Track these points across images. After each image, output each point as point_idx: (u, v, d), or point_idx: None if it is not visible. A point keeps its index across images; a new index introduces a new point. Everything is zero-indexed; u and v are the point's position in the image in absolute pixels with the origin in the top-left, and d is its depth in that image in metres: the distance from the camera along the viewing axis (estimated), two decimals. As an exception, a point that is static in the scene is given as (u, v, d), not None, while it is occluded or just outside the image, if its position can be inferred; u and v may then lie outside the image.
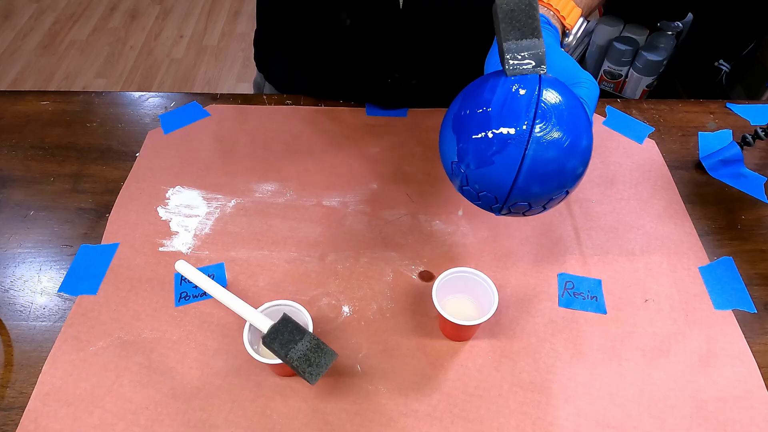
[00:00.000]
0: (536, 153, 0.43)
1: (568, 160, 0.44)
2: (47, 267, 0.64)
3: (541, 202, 0.46)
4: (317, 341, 0.50)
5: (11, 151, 0.77)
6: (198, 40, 2.39)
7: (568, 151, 0.44)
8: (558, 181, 0.45)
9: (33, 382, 0.54)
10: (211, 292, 0.55)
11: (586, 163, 0.46)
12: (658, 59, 1.54)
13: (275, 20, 0.80)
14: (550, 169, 0.44)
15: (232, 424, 0.52)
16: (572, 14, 0.55)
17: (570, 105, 0.44)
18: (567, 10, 0.55)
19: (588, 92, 0.49)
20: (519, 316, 0.60)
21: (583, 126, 0.45)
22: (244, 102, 0.84)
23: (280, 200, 0.71)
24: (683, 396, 0.54)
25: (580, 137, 0.45)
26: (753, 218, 0.70)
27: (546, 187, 0.45)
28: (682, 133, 0.81)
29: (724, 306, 0.61)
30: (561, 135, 0.43)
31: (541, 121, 0.42)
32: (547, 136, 0.43)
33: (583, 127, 0.45)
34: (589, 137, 0.46)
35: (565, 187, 0.46)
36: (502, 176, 0.44)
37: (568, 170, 0.45)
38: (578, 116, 0.45)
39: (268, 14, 0.81)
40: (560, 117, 0.43)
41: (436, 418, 0.52)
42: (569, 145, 0.44)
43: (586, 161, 0.46)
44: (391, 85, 0.78)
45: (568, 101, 0.44)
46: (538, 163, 0.43)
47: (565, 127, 0.43)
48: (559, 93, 0.44)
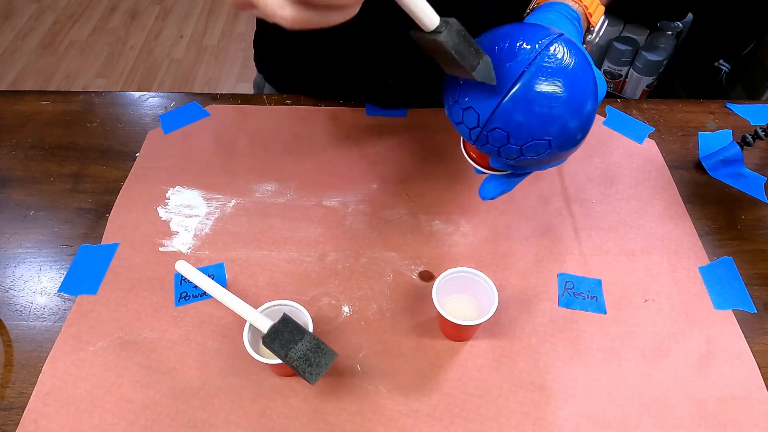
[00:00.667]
0: (533, 79, 0.43)
1: (561, 105, 0.44)
2: (47, 267, 0.64)
3: (519, 140, 0.45)
4: (317, 341, 0.50)
5: (11, 151, 0.77)
6: (198, 40, 2.39)
7: (566, 99, 0.44)
8: (544, 120, 0.44)
9: (33, 382, 0.54)
10: (211, 292, 0.55)
11: (583, 128, 0.46)
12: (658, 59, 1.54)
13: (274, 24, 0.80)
14: (540, 105, 0.44)
15: (232, 424, 0.52)
16: (597, 12, 0.56)
17: (582, 64, 0.45)
18: (593, 6, 0.55)
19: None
20: (519, 316, 0.60)
21: (589, 89, 0.46)
22: (244, 102, 0.84)
23: (280, 200, 0.71)
24: (683, 396, 0.54)
25: (583, 95, 0.45)
26: (753, 218, 0.70)
27: (530, 120, 0.44)
28: (682, 133, 0.81)
29: (724, 306, 0.61)
30: (562, 80, 0.44)
31: (550, 56, 0.43)
32: (550, 70, 0.43)
33: (588, 89, 0.45)
34: (593, 104, 0.46)
35: (548, 133, 0.45)
36: (493, 90, 0.44)
37: (557, 117, 0.44)
38: (586, 77, 0.45)
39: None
40: (568, 65, 0.44)
41: (436, 418, 0.52)
42: (568, 92, 0.44)
43: (582, 122, 0.46)
44: (392, 86, 0.78)
45: (580, 61, 0.45)
46: (530, 90, 0.43)
47: (571, 75, 0.44)
48: (576, 52, 0.45)
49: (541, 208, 0.70)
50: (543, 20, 0.52)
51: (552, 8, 0.53)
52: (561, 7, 0.53)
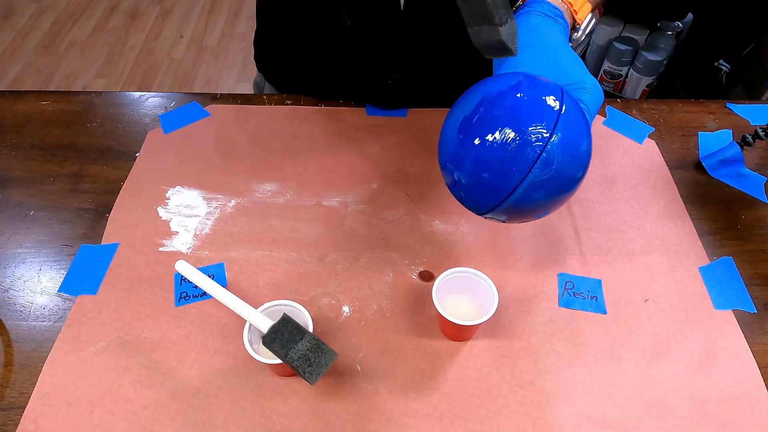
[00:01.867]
0: (533, 186, 0.43)
1: (557, 195, 0.45)
2: (47, 267, 0.64)
3: (514, 219, 0.48)
4: (317, 341, 0.50)
5: (11, 151, 0.77)
6: (198, 40, 2.39)
7: (562, 190, 0.45)
8: (540, 207, 0.46)
9: (33, 382, 0.54)
10: (211, 292, 0.55)
11: (573, 192, 0.48)
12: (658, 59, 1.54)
13: (275, 21, 0.80)
14: (536, 203, 0.45)
15: (232, 424, 0.52)
16: (583, 9, 0.55)
17: (579, 153, 0.45)
18: (579, 3, 0.55)
19: (591, 98, 0.49)
20: (519, 316, 0.60)
21: (584, 167, 0.46)
22: (244, 102, 0.84)
23: (280, 200, 0.71)
24: (683, 396, 0.54)
25: (578, 177, 0.46)
26: (753, 218, 0.70)
27: (526, 209, 0.46)
28: (682, 133, 0.81)
29: (724, 306, 0.61)
30: (560, 181, 0.44)
31: (550, 159, 0.42)
32: (550, 173, 0.43)
33: (584, 168, 0.46)
34: (584, 173, 0.47)
35: (541, 213, 0.47)
36: (489, 198, 0.45)
37: (552, 203, 0.46)
38: (582, 161, 0.46)
39: (268, 15, 0.81)
40: (566, 164, 0.44)
41: (436, 418, 0.52)
42: (565, 186, 0.45)
43: (573, 191, 0.47)
44: (392, 86, 0.78)
45: (578, 148, 0.45)
46: (529, 196, 0.44)
47: (567, 171, 0.44)
48: (574, 136, 0.44)
49: (541, 208, 0.70)
50: (528, 24, 0.51)
51: (533, 9, 0.53)
52: (543, 7, 0.53)
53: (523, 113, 0.43)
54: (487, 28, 0.43)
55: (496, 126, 0.43)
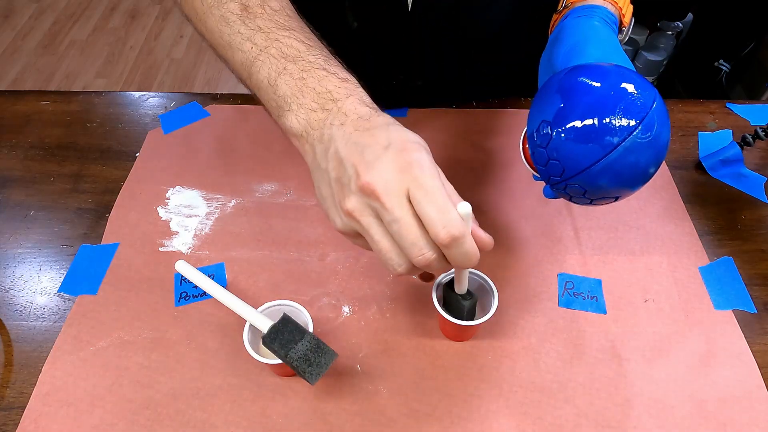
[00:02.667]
0: (626, 153, 0.43)
1: (641, 174, 0.45)
2: (47, 267, 0.64)
3: (593, 195, 0.47)
4: (317, 341, 0.50)
5: (11, 151, 0.77)
6: (198, 40, 2.38)
7: (645, 169, 0.45)
8: (621, 185, 0.45)
9: (33, 382, 0.54)
10: (211, 292, 0.55)
11: (646, 183, 0.47)
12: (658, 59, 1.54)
13: None
14: (623, 176, 0.44)
15: (232, 424, 0.52)
16: (628, 11, 0.56)
17: (666, 135, 0.45)
18: (626, 7, 0.55)
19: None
20: (519, 316, 0.60)
21: (664, 154, 0.46)
22: (244, 102, 0.84)
23: (280, 200, 0.71)
24: (683, 396, 0.54)
25: (659, 162, 0.46)
26: (753, 218, 0.70)
27: (609, 185, 0.45)
28: (682, 133, 0.81)
29: (724, 306, 0.61)
30: (649, 154, 0.44)
31: (644, 131, 0.43)
32: (643, 144, 0.43)
33: (663, 155, 0.46)
34: (661, 163, 0.47)
35: (619, 193, 0.47)
36: (585, 152, 0.44)
37: (634, 183, 0.46)
38: (665, 147, 0.45)
39: None
40: (657, 139, 0.44)
41: (436, 418, 0.52)
42: (650, 165, 0.45)
43: (647, 180, 0.47)
44: (396, 87, 0.78)
45: (666, 132, 0.45)
46: (620, 163, 0.43)
47: (656, 149, 0.44)
48: (665, 122, 0.45)
49: (541, 208, 0.70)
50: (587, 27, 0.52)
51: (594, 13, 0.53)
52: (602, 12, 0.53)
53: (631, 79, 0.44)
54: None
55: (606, 84, 0.43)
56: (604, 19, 0.53)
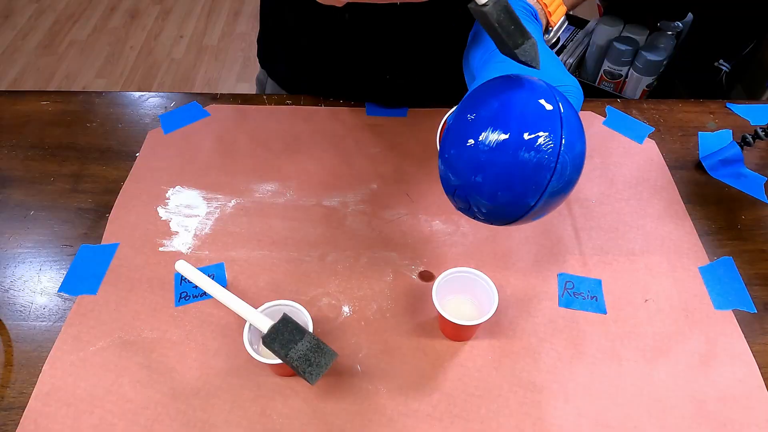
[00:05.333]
0: (543, 205, 0.42)
1: (557, 202, 0.44)
2: (47, 267, 0.64)
3: (539, 216, 0.46)
4: (317, 341, 0.50)
5: (11, 151, 0.77)
6: (198, 40, 2.39)
7: (561, 199, 0.44)
8: (566, 192, 0.44)
9: (33, 382, 0.54)
10: (211, 292, 0.55)
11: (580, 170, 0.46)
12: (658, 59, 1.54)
13: (277, 16, 0.81)
14: (566, 186, 0.43)
15: (232, 424, 0.52)
16: (558, 11, 0.55)
17: (579, 163, 0.44)
18: (554, 6, 0.55)
19: (574, 100, 0.48)
20: (519, 316, 0.60)
21: (582, 134, 0.45)
22: (244, 102, 0.84)
23: (280, 200, 0.71)
24: (683, 396, 0.54)
25: (573, 184, 0.44)
26: (753, 218, 0.70)
27: (556, 201, 0.44)
28: (682, 133, 0.81)
29: (724, 306, 0.61)
30: (565, 192, 0.43)
31: (558, 178, 0.41)
32: (557, 190, 0.42)
33: (582, 135, 0.44)
34: (584, 143, 0.45)
35: (567, 195, 0.45)
36: (524, 198, 0.42)
37: (574, 182, 0.45)
38: (578, 173, 0.44)
39: (270, 11, 0.82)
40: (571, 179, 0.43)
41: (436, 418, 0.52)
42: (566, 192, 0.44)
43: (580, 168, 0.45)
44: (390, 82, 0.78)
45: (575, 117, 0.44)
46: (539, 213, 0.43)
47: (571, 185, 0.43)
48: (568, 108, 0.43)
49: (541, 208, 0.70)
50: None
51: (517, 6, 0.52)
52: (516, 4, 0.52)
53: (530, 124, 0.41)
54: (507, 48, 0.43)
55: (505, 147, 0.41)
56: (519, 11, 0.51)
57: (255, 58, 0.92)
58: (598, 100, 0.84)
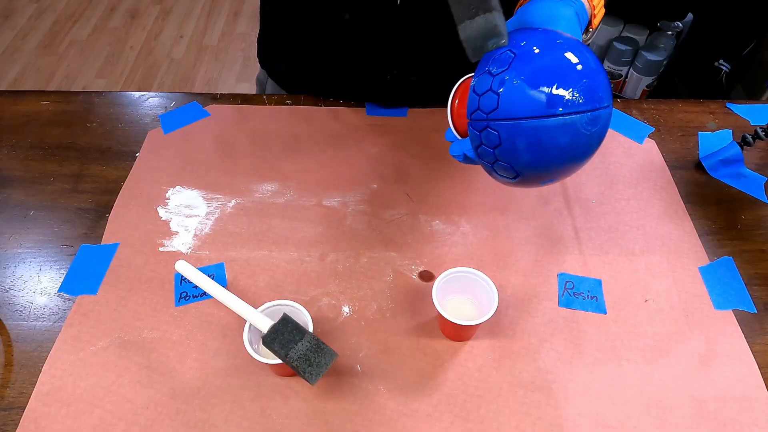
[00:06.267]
0: (562, 127, 0.43)
1: (560, 164, 0.47)
2: (47, 267, 0.64)
3: (501, 155, 0.46)
4: (317, 341, 0.50)
5: (11, 151, 0.77)
6: (198, 40, 2.38)
7: (569, 162, 0.47)
8: (532, 162, 0.46)
9: (33, 382, 0.54)
10: (211, 292, 0.55)
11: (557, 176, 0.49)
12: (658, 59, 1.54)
13: (277, 16, 0.81)
14: (545, 154, 0.45)
15: (232, 424, 0.52)
16: (599, 14, 0.56)
17: (603, 132, 0.46)
18: (599, 7, 0.56)
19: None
20: (519, 316, 0.60)
21: (594, 150, 0.47)
22: (244, 102, 0.84)
23: (280, 200, 0.71)
24: (683, 396, 0.54)
25: (587, 157, 0.47)
26: (753, 218, 0.70)
27: (524, 152, 0.45)
28: (682, 133, 0.81)
29: (724, 306, 0.61)
30: (581, 151, 0.46)
31: (589, 122, 0.44)
32: (582, 136, 0.44)
33: (593, 151, 0.47)
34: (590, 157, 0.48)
35: (521, 170, 0.47)
36: (526, 105, 0.43)
37: (546, 169, 0.47)
38: (598, 144, 0.47)
39: (270, 11, 0.82)
40: (597, 136, 0.46)
41: (436, 418, 0.52)
42: (576, 159, 0.47)
43: (574, 164, 0.47)
44: (390, 82, 0.78)
45: (604, 130, 0.46)
46: (550, 136, 0.44)
47: (591, 146, 0.46)
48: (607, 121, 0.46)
49: (541, 208, 0.70)
50: (561, 16, 0.51)
51: (573, 2, 0.52)
52: (579, 5, 0.53)
53: (603, 74, 0.45)
54: (484, 16, 0.43)
55: (584, 61, 0.44)
56: (578, 13, 0.52)
57: (255, 58, 0.92)
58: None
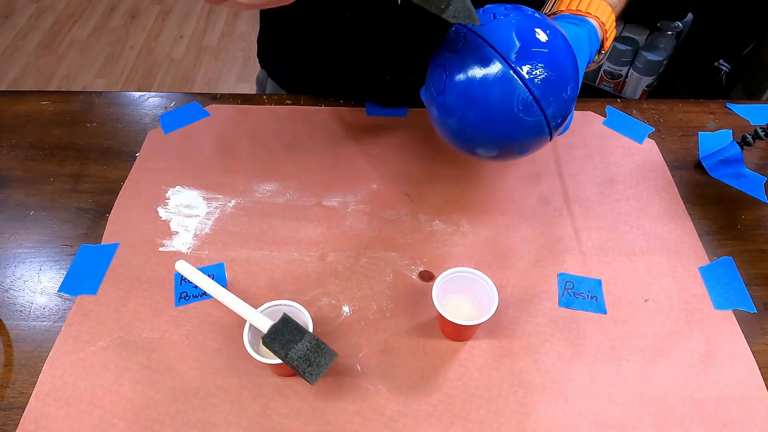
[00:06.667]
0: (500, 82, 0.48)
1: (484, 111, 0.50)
2: (47, 267, 0.64)
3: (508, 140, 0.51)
4: (317, 341, 0.50)
5: (11, 151, 0.77)
6: (198, 40, 2.39)
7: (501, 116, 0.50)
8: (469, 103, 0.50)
9: (33, 382, 0.54)
10: (211, 292, 0.55)
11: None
12: (658, 59, 1.54)
13: (277, 16, 0.81)
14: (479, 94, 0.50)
15: (232, 424, 0.52)
16: (611, 36, 0.58)
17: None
18: (611, 31, 0.57)
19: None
20: (519, 316, 0.60)
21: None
22: (244, 102, 0.84)
23: (280, 200, 0.71)
24: (683, 396, 0.54)
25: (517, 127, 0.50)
26: (753, 218, 0.70)
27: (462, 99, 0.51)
28: (682, 133, 0.81)
29: (724, 306, 0.61)
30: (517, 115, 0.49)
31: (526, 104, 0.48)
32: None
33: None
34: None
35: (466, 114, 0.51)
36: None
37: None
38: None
39: (269, 11, 0.82)
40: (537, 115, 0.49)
41: (436, 418, 0.52)
42: (509, 123, 0.50)
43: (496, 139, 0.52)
44: (391, 82, 0.78)
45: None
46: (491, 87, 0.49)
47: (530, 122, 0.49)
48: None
49: (541, 208, 0.70)
50: (573, 35, 0.53)
51: (583, 24, 0.54)
52: (589, 27, 0.55)
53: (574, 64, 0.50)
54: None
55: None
56: (590, 33, 0.54)
57: (255, 58, 0.92)
58: (598, 100, 0.84)
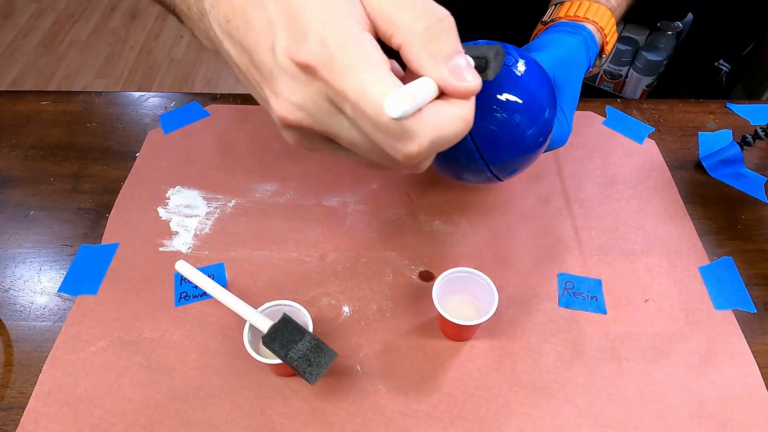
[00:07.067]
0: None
1: None
2: (47, 267, 0.64)
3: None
4: (317, 341, 0.50)
5: (11, 151, 0.77)
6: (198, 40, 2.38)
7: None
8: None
9: (33, 382, 0.54)
10: (211, 292, 0.55)
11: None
12: (658, 59, 1.53)
13: None
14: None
15: (232, 424, 0.52)
16: (612, 39, 0.58)
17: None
18: (611, 35, 0.57)
19: (557, 132, 0.53)
20: (519, 316, 0.60)
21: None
22: (244, 102, 0.84)
23: (280, 200, 0.71)
24: (683, 396, 0.54)
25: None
26: (753, 218, 0.70)
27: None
28: (682, 133, 0.81)
29: (724, 306, 0.61)
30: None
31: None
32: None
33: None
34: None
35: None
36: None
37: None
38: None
39: None
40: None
41: (436, 418, 0.52)
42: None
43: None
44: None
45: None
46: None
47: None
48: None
49: (541, 208, 0.70)
50: (566, 43, 0.53)
51: (579, 32, 0.54)
52: (586, 33, 0.54)
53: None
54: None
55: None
56: (586, 40, 0.54)
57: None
58: (598, 100, 0.84)
